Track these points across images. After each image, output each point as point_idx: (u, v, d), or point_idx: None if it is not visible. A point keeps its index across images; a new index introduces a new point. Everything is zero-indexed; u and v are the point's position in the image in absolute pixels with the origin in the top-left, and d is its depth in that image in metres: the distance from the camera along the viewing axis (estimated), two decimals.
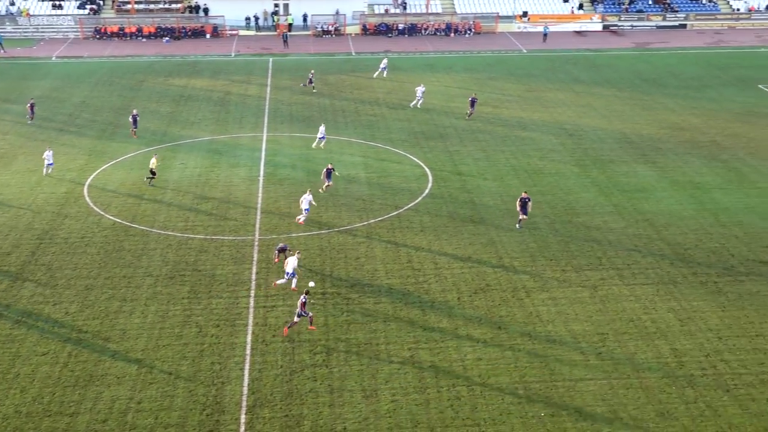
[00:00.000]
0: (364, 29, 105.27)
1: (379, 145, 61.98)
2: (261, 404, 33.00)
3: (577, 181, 55.43)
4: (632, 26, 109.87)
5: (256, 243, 46.02)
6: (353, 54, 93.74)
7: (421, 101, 71.61)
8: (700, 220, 49.52)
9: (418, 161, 58.76)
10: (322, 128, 61.30)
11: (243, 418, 32.31)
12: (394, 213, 49.89)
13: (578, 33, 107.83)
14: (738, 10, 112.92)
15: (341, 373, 34.85)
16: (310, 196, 48.30)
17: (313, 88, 77.25)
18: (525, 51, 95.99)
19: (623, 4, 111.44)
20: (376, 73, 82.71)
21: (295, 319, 37.47)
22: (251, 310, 39.33)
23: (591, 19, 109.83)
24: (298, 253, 42.16)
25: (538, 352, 36.27)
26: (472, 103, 68.58)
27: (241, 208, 50.53)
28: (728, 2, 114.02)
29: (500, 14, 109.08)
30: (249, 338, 37.16)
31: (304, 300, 37.23)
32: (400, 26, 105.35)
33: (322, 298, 40.43)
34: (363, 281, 41.91)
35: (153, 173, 53.91)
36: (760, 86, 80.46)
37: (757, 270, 43.50)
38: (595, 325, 38.29)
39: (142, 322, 38.37)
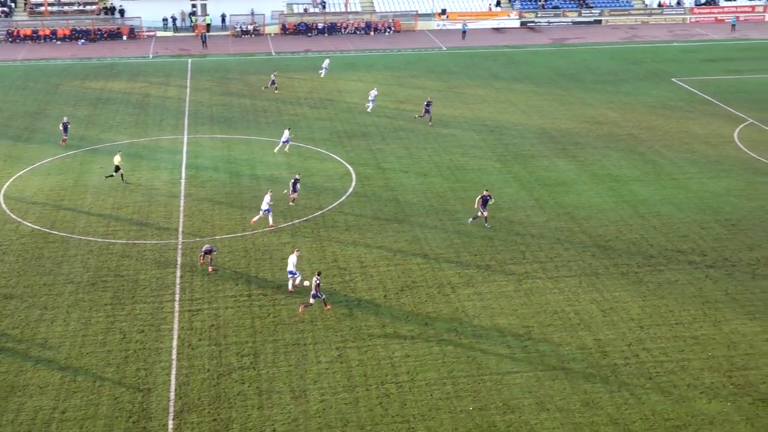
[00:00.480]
0: (284, 29, 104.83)
1: (301, 145, 61.78)
2: (188, 409, 32.63)
3: (499, 176, 56.01)
4: (549, 22, 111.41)
5: (180, 246, 45.48)
6: (273, 54, 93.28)
7: (372, 106, 70.47)
8: (619, 212, 50.47)
9: (341, 160, 58.74)
10: (286, 132, 60.16)
11: (170, 423, 31.91)
12: (319, 213, 49.79)
13: (496, 30, 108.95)
14: (650, 5, 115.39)
15: (269, 375, 34.66)
16: (269, 196, 47.60)
17: (276, 89, 76.52)
18: (445, 48, 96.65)
19: (540, 1, 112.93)
20: (323, 72, 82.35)
21: (311, 300, 38.79)
22: (176, 315, 38.86)
23: (508, 16, 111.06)
24: (298, 251, 42.09)
25: (465, 346, 36.56)
26: (427, 105, 66.76)
27: (164, 212, 49.89)
28: None
29: (419, 12, 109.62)
30: (175, 343, 36.71)
31: (317, 281, 38.52)
32: (320, 25, 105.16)
33: (248, 300, 40.15)
34: (288, 282, 41.68)
35: (118, 169, 54.00)
36: (673, 80, 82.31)
37: (676, 259, 44.51)
38: (521, 318, 38.75)
39: (64, 330, 37.61)
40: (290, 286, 41.04)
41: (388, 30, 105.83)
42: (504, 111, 71.37)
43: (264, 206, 47.35)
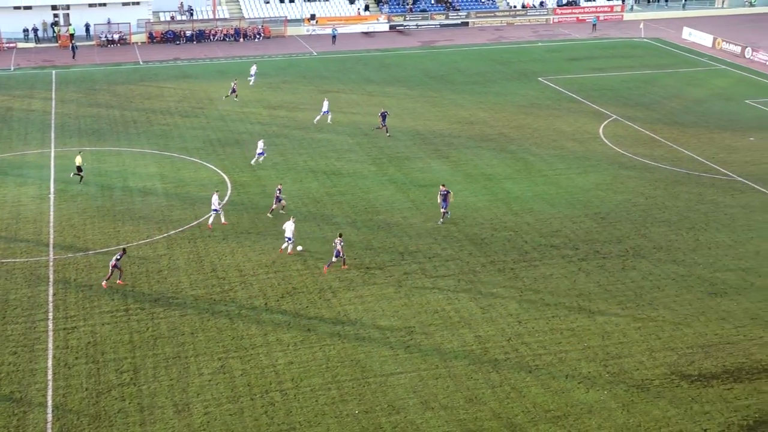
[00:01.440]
0: (151, 37, 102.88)
1: (174, 155, 60.77)
2: (67, 430, 31.65)
3: (375, 179, 56.35)
4: (417, 25, 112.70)
5: (51, 263, 44.11)
6: (141, 63, 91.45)
7: (329, 116, 68.89)
8: (494, 210, 51.45)
9: (215, 169, 58.04)
10: (260, 143, 58.54)
11: None
12: (195, 223, 49.08)
13: (366, 34, 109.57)
14: (515, 7, 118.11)
15: (150, 390, 33.95)
16: (216, 196, 48.43)
17: (236, 97, 75.23)
18: (315, 53, 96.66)
19: (407, 5, 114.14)
20: (251, 80, 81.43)
21: (333, 259, 42.91)
22: (50, 334, 37.66)
23: (377, 19, 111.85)
24: (293, 218, 45.42)
25: (349, 350, 36.62)
26: (383, 117, 65.68)
27: (33, 228, 48.29)
28: (506, 0, 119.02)
29: (289, 18, 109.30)
30: (50, 363, 35.57)
31: (341, 243, 43.09)
32: (188, 33, 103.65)
33: (126, 315, 39.25)
34: (167, 294, 40.99)
35: (80, 169, 54.89)
36: (540, 79, 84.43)
37: (549, 254, 45.66)
38: (402, 319, 39.06)
39: None
40: (289, 249, 44.76)
41: (258, 36, 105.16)
42: (377, 114, 71.75)
43: (214, 206, 48.10)
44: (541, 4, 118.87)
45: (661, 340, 37.45)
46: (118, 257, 41.75)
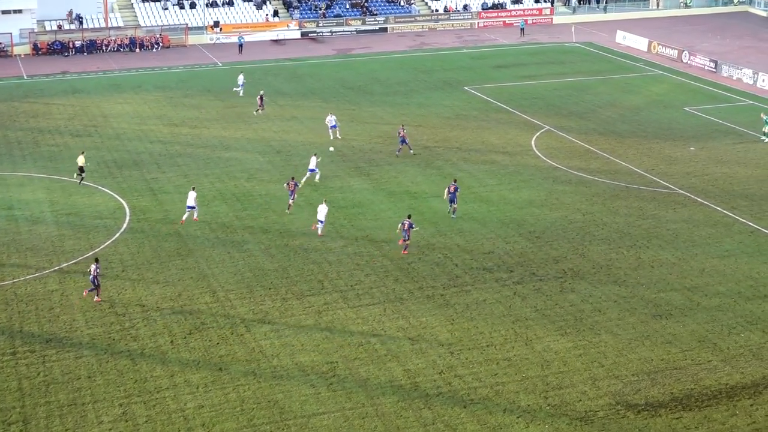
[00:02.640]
0: (36, 49, 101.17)
1: (65, 179, 59.70)
2: None
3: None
4: (332, 32, 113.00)
5: None
6: (25, 77, 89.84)
7: (337, 130, 68.94)
8: (420, 231, 51.60)
9: (112, 193, 57.18)
10: (313, 159, 59.22)
11: None
12: (90, 253, 48.21)
13: (276, 42, 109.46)
14: (437, 11, 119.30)
15: None
16: (193, 194, 52.34)
17: (263, 110, 75.38)
18: (220, 64, 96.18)
19: (320, 10, 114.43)
20: (239, 89, 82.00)
21: (407, 241, 48.01)
22: None
23: (288, 26, 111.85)
24: (326, 200, 50.76)
25: (265, 390, 36.27)
26: (402, 140, 64.82)
27: None
28: (427, 3, 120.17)
29: (189, 25, 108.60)
30: None
31: (408, 223, 47.84)
32: (77, 43, 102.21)
33: (13, 358, 38.26)
34: (60, 335, 40.11)
35: (82, 170, 58.35)
36: (466, 88, 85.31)
37: (482, 278, 45.96)
38: (323, 354, 38.85)
39: None
40: (320, 232, 49.99)
41: (156, 46, 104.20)
42: (290, 130, 71.68)
43: (190, 203, 51.94)
44: (465, 7, 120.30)
45: (605, 368, 37.91)
46: (97, 270, 42.50)
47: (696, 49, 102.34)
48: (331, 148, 64.00)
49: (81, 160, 59.01)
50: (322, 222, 50.48)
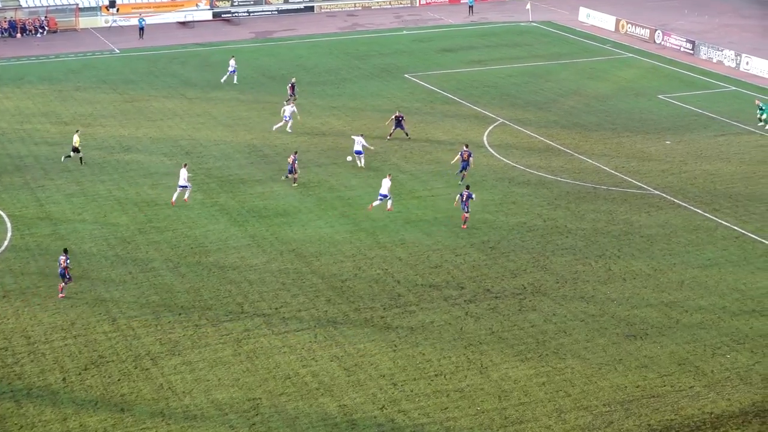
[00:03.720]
0: None
1: None
2: None
3: (203, 210, 55.88)
4: (249, 12, 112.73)
5: None
6: None
7: (289, 123, 70.01)
8: (356, 243, 51.66)
9: None
10: (357, 139, 62.93)
11: None
12: None
13: (183, 24, 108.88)
14: None
15: None
16: (185, 170, 56.52)
17: (294, 99, 75.13)
18: (118, 51, 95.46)
19: None
20: (225, 77, 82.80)
21: (466, 214, 53.23)
22: None
23: (197, 5, 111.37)
24: (390, 175, 55.85)
25: None
26: (398, 120, 67.98)
27: None
28: None
29: (81, 6, 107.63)
30: None
31: (467, 194, 53.15)
32: None
33: None
34: None
35: (77, 150, 62.29)
36: (406, 75, 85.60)
37: (428, 296, 46.11)
38: (244, 389, 38.70)
39: None
40: (388, 206, 55.43)
41: (41, 31, 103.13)
42: (202, 126, 71.36)
43: (181, 182, 56.22)
44: None
45: (572, 398, 38.22)
46: (67, 261, 45.28)
47: (670, 27, 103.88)
48: (349, 158, 63.77)
49: (76, 140, 62.67)
50: (385, 196, 55.29)
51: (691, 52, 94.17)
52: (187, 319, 43.88)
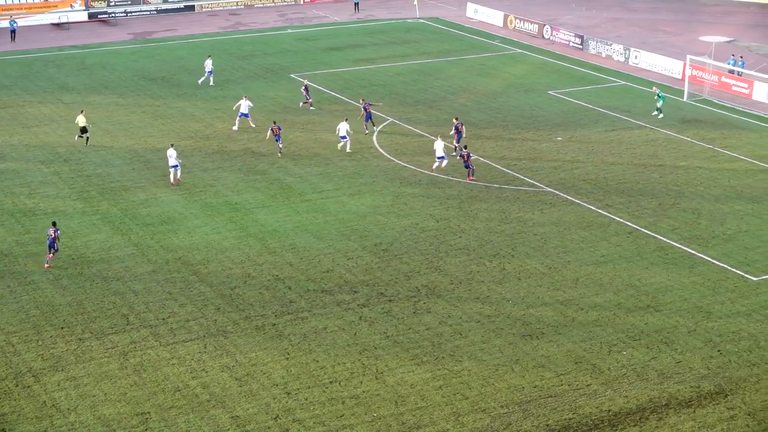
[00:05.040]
0: None
1: None
2: None
3: (83, 219, 55.23)
4: (127, 12, 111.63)
5: None
6: None
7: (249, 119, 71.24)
8: (245, 249, 51.53)
9: None
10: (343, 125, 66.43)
11: None
12: None
13: (57, 26, 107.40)
14: None
15: None
16: (172, 149, 60.21)
17: (311, 104, 76.99)
18: None
19: None
20: (202, 79, 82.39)
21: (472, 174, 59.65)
22: None
23: (72, 6, 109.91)
24: (441, 135, 62.08)
25: None
26: (367, 108, 70.45)
27: None
28: None
29: None
30: None
31: (467, 154, 59.91)
32: None
33: None
34: None
35: (85, 130, 66.26)
36: (292, 76, 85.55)
37: (320, 301, 46.19)
38: (132, 403, 38.35)
39: None
40: (443, 164, 61.74)
41: None
42: (79, 132, 70.46)
43: (171, 162, 59.96)
44: None
45: (469, 400, 38.61)
46: (57, 232, 49.31)
47: (559, 22, 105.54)
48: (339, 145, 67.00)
49: (81, 120, 66.44)
50: (442, 157, 61.34)
51: (580, 47, 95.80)
52: (70, 333, 43.33)
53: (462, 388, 39.37)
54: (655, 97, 74.30)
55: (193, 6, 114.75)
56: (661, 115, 73.30)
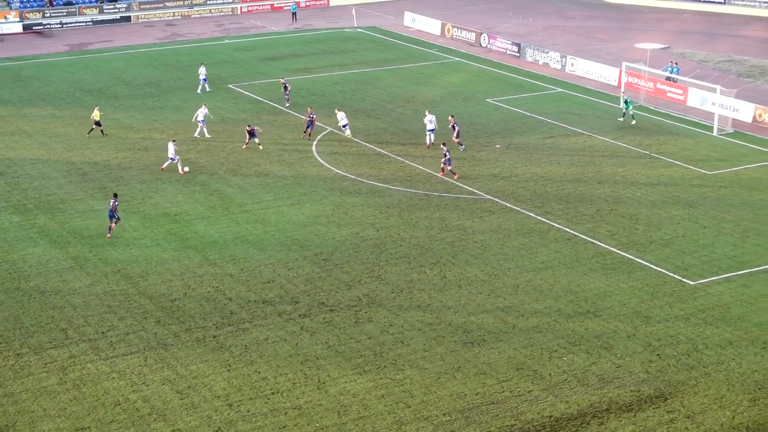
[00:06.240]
0: None
1: None
2: None
3: (20, 233, 54.70)
4: (62, 24, 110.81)
5: None
6: None
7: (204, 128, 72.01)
8: (184, 261, 51.26)
9: None
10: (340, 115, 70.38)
11: None
12: None
13: None
14: None
15: None
16: (173, 145, 63.37)
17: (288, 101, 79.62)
18: None
19: None
20: (199, 88, 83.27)
21: (448, 166, 62.48)
22: None
23: (5, 18, 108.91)
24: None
25: None
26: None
27: None
28: None
29: None
30: None
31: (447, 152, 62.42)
32: None
33: None
34: None
35: (98, 124, 70.42)
36: (230, 86, 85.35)
37: (261, 312, 46.05)
38: (72, 418, 38.00)
39: None
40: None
41: None
42: (16, 145, 69.81)
43: (171, 155, 63.03)
44: None
45: (411, 409, 38.64)
46: (116, 203, 53.70)
47: (496, 30, 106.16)
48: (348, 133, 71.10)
49: (96, 115, 70.80)
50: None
51: (517, 54, 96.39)
52: (8, 348, 42.85)
53: (404, 396, 39.40)
54: (623, 104, 74.83)
55: (129, 17, 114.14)
56: (634, 121, 73.87)
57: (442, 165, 62.90)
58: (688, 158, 66.86)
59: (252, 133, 67.98)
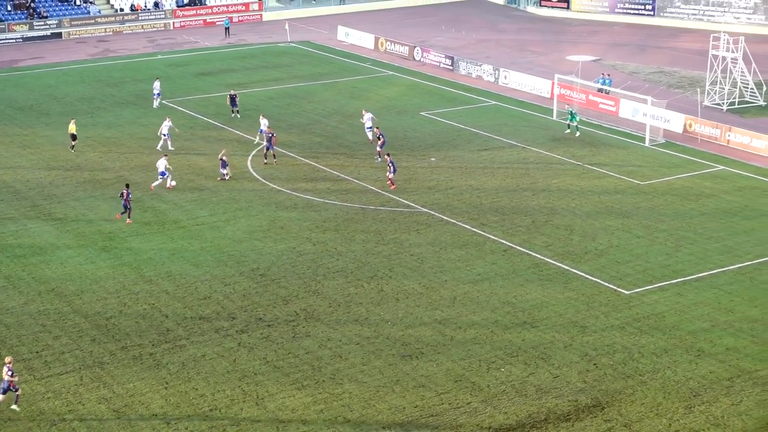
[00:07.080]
0: None
1: None
2: None
3: None
4: None
5: None
6: None
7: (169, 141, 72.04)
8: (119, 278, 50.87)
9: None
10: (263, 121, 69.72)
11: None
12: None
13: None
14: (122, 10, 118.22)
15: None
16: (165, 160, 62.96)
17: (237, 112, 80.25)
18: None
19: None
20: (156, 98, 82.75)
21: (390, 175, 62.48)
22: None
23: None
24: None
25: None
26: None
27: None
28: (109, 2, 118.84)
29: None
30: None
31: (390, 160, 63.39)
32: None
33: None
34: None
35: (74, 137, 70.49)
36: (164, 102, 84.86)
37: (198, 329, 45.79)
38: None
39: None
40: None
41: None
42: None
43: (161, 170, 62.69)
44: (156, 5, 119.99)
45: (350, 423, 38.61)
46: (129, 194, 56.96)
47: (429, 44, 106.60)
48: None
49: (72, 128, 71.19)
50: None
51: (451, 68, 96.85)
52: None
53: (343, 411, 39.36)
54: (568, 116, 75.20)
55: (60, 33, 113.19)
56: (578, 134, 74.30)
57: (390, 177, 63.33)
58: (620, 169, 67.50)
59: (224, 163, 66.52)
